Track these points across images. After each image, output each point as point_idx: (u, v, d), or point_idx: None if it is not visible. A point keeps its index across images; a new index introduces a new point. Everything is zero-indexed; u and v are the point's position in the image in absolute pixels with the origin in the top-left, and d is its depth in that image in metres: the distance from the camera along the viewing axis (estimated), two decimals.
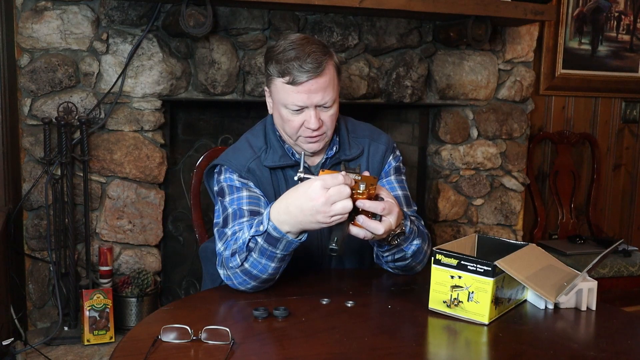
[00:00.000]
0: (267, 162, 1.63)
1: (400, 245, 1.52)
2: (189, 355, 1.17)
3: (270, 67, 1.56)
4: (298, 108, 1.55)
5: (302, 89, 1.52)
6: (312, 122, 1.55)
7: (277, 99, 1.58)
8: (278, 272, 1.46)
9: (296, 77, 1.51)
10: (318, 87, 1.53)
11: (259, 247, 1.40)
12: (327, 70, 1.54)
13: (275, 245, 1.38)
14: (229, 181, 1.62)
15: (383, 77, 2.81)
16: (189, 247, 2.92)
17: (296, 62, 1.50)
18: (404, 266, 1.61)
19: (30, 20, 2.36)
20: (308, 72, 1.50)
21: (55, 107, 2.40)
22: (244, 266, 1.43)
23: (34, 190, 2.45)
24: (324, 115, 1.57)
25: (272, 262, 1.42)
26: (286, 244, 1.38)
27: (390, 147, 1.75)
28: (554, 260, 1.56)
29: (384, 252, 1.56)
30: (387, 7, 2.46)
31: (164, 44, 2.51)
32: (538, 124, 3.45)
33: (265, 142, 1.67)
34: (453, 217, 3.08)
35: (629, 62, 3.59)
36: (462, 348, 1.31)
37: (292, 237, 1.37)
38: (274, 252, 1.40)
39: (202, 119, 3.01)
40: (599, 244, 3.24)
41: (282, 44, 1.56)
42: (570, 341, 1.31)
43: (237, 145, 1.70)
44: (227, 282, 1.50)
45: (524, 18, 2.67)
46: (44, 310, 2.54)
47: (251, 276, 1.45)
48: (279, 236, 1.37)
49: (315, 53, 1.52)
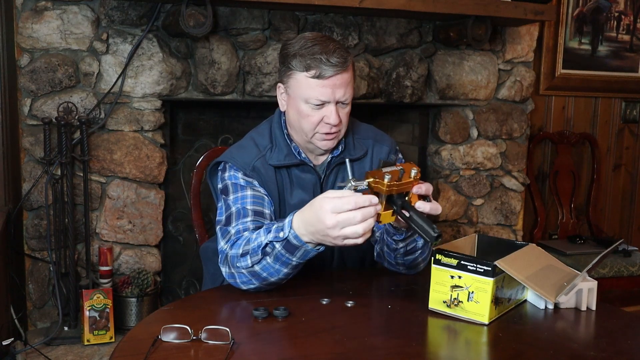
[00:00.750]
0: (272, 161, 1.62)
1: (414, 234, 1.52)
2: (189, 355, 1.16)
3: (292, 62, 1.55)
4: (320, 103, 1.55)
5: (327, 83, 1.52)
6: (333, 118, 1.55)
7: (298, 94, 1.57)
8: (287, 278, 1.47)
9: (323, 70, 1.51)
10: (342, 83, 1.54)
11: (276, 252, 1.40)
12: (350, 66, 1.56)
13: (293, 253, 1.38)
14: (233, 179, 1.61)
15: (383, 77, 2.81)
16: (189, 247, 2.92)
17: (323, 56, 1.51)
18: (412, 260, 1.60)
19: (30, 20, 2.36)
20: (335, 67, 1.51)
21: (55, 107, 2.40)
22: (254, 268, 1.43)
23: (34, 190, 2.45)
24: (341, 113, 1.58)
25: (285, 268, 1.42)
26: (304, 252, 1.38)
27: (393, 149, 1.76)
28: (554, 260, 1.56)
29: (398, 243, 1.55)
30: (387, 7, 2.46)
31: (164, 44, 2.51)
32: (538, 124, 3.45)
33: (270, 140, 1.66)
34: (453, 217, 3.08)
35: (629, 62, 3.59)
36: (462, 348, 1.31)
37: (311, 246, 1.37)
38: (289, 259, 1.40)
39: (202, 119, 3.01)
40: (599, 244, 3.24)
41: (301, 41, 1.56)
42: (570, 341, 1.31)
43: (242, 143, 1.70)
44: (229, 279, 1.50)
45: (524, 18, 2.67)
46: (44, 310, 2.54)
47: (258, 278, 1.45)
48: (299, 244, 1.37)
49: (339, 49, 1.53)
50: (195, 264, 2.83)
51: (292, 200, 1.64)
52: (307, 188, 1.65)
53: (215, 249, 1.62)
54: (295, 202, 1.62)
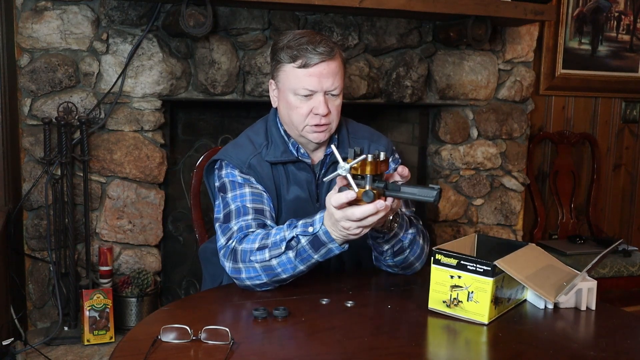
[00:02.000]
0: (269, 157, 1.64)
1: (397, 234, 1.53)
2: (188, 355, 1.17)
3: (280, 54, 1.58)
4: (308, 93, 1.56)
5: (314, 71, 1.54)
6: (321, 108, 1.56)
7: (286, 86, 1.59)
8: (296, 277, 1.48)
9: (309, 59, 1.54)
10: (329, 72, 1.55)
11: (299, 247, 1.41)
12: (337, 56, 1.58)
13: (317, 250, 1.40)
14: (230, 177, 1.62)
15: (383, 77, 2.81)
16: (189, 247, 2.92)
17: (309, 45, 1.54)
18: (403, 260, 1.60)
19: (30, 20, 2.36)
20: (321, 55, 1.53)
21: (55, 107, 2.40)
22: (270, 262, 1.44)
23: (34, 190, 2.45)
24: (331, 104, 1.59)
25: (303, 265, 1.44)
26: (327, 250, 1.40)
27: (389, 149, 1.76)
28: (554, 260, 1.56)
29: (383, 245, 1.56)
30: (387, 7, 2.46)
31: (164, 44, 2.51)
32: (538, 124, 3.45)
33: (266, 138, 1.67)
34: (453, 217, 3.08)
35: (629, 62, 3.59)
36: (462, 348, 1.31)
37: (337, 244, 1.39)
38: (310, 256, 1.42)
39: (202, 119, 3.01)
40: (599, 244, 3.24)
41: (289, 35, 1.59)
42: (570, 341, 1.31)
43: (237, 142, 1.71)
44: (232, 274, 1.50)
45: (524, 18, 2.67)
46: (44, 310, 2.54)
47: (270, 274, 1.46)
48: (327, 241, 1.39)
49: (326, 40, 1.57)
50: (195, 264, 2.83)
51: (288, 196, 1.65)
52: (303, 185, 1.66)
53: (214, 250, 1.62)
54: (291, 198, 1.64)
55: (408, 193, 1.32)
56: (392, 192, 1.33)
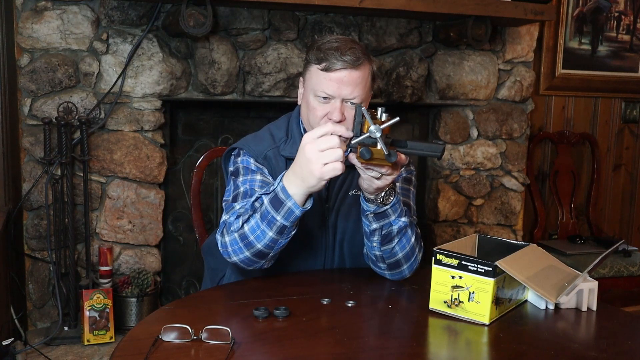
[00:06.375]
0: (285, 152, 1.65)
1: (389, 214, 1.50)
2: (189, 355, 1.16)
3: (310, 54, 1.60)
4: (326, 96, 1.56)
5: (334, 76, 1.54)
6: (335, 114, 1.55)
7: (309, 86, 1.60)
8: (273, 248, 1.46)
9: (332, 64, 1.54)
10: (350, 80, 1.55)
11: (263, 208, 1.41)
12: (362, 68, 1.57)
13: (278, 210, 1.39)
14: (245, 163, 1.65)
15: (383, 77, 2.81)
16: (189, 247, 2.92)
17: (336, 51, 1.54)
18: (390, 253, 1.56)
19: (30, 20, 2.36)
20: (344, 62, 1.53)
21: (55, 107, 2.40)
22: (244, 229, 1.45)
23: (34, 190, 2.45)
24: (347, 112, 1.57)
25: (270, 229, 1.42)
26: (288, 210, 1.39)
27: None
28: (555, 260, 1.56)
29: (373, 223, 1.53)
30: (387, 7, 2.46)
31: (164, 44, 2.51)
32: (538, 124, 3.45)
33: (286, 134, 1.69)
34: (453, 217, 3.08)
35: (629, 62, 3.59)
36: (463, 348, 1.31)
37: (297, 200, 1.37)
38: (274, 218, 1.40)
39: (202, 119, 3.00)
40: (599, 244, 3.24)
41: (326, 38, 1.61)
42: (571, 341, 1.31)
43: (258, 134, 1.74)
44: (222, 250, 1.52)
45: (524, 18, 2.67)
46: (44, 310, 2.54)
47: (247, 243, 1.46)
48: (284, 198, 1.38)
49: (356, 50, 1.55)
50: (195, 264, 2.83)
51: None
52: None
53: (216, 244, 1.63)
54: None
55: (415, 148, 1.34)
56: (399, 148, 1.34)
